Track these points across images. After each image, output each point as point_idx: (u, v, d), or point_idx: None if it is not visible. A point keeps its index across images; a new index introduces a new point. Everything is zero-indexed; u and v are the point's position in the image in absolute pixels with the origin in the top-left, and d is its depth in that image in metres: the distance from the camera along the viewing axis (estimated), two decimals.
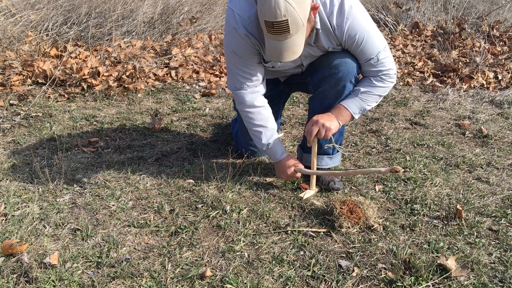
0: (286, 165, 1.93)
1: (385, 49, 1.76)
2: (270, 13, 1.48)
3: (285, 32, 1.52)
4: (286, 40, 1.55)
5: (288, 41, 1.55)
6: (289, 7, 1.46)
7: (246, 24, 1.70)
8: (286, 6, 1.46)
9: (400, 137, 2.63)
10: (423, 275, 1.44)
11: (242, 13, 1.70)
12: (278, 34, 1.53)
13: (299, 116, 2.98)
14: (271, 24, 1.50)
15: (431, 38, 5.07)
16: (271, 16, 1.48)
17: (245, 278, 1.44)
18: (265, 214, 1.80)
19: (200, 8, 5.16)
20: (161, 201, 1.89)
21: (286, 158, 1.94)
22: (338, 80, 1.81)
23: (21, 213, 1.77)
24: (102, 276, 1.44)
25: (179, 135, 2.61)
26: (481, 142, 2.59)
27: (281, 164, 1.95)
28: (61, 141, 2.46)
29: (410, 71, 4.00)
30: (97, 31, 4.12)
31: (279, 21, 1.49)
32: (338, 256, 1.57)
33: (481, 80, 3.65)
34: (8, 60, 3.40)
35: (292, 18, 1.48)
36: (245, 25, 1.71)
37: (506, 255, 1.57)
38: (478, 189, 2.04)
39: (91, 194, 1.93)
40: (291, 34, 1.53)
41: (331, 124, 1.81)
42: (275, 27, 1.51)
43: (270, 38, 1.57)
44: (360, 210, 1.73)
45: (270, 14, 1.48)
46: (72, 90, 3.24)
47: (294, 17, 1.49)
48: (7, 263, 1.48)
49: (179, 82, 3.65)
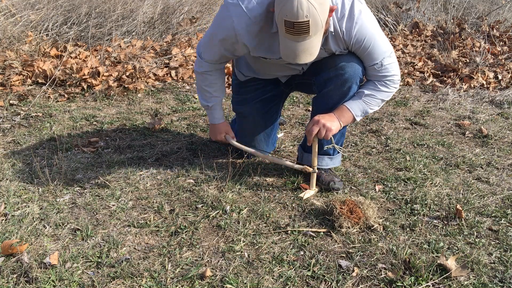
0: (218, 130, 2.11)
1: (390, 55, 1.76)
2: (292, 13, 1.46)
3: (304, 33, 1.51)
4: (304, 42, 1.54)
5: (306, 42, 1.54)
6: (312, 8, 1.45)
7: (250, 23, 1.67)
8: (309, 7, 1.45)
9: (400, 137, 2.63)
10: (423, 275, 1.44)
11: (250, 12, 1.65)
12: (297, 35, 1.51)
13: (299, 116, 2.98)
14: (292, 24, 1.48)
15: (431, 38, 5.08)
16: (292, 16, 1.47)
17: (245, 278, 1.44)
18: (265, 214, 1.80)
19: (200, 8, 5.16)
20: (161, 201, 1.89)
21: (221, 124, 2.11)
22: (344, 81, 1.81)
23: (21, 213, 1.77)
24: (102, 276, 1.44)
25: (179, 135, 2.61)
26: (481, 142, 2.59)
27: (215, 127, 2.12)
28: (61, 141, 2.46)
29: (410, 71, 4.00)
30: (97, 31, 4.12)
31: (300, 22, 1.47)
32: (338, 256, 1.57)
33: (481, 80, 3.65)
34: (8, 60, 3.40)
35: (313, 19, 1.47)
36: (247, 24, 1.67)
37: (506, 255, 1.57)
38: (478, 189, 2.04)
39: (91, 194, 1.93)
40: (310, 36, 1.52)
41: (331, 125, 1.81)
42: (296, 28, 1.49)
43: (287, 38, 1.55)
44: (360, 210, 1.73)
45: (292, 14, 1.46)
46: (72, 90, 3.24)
47: (315, 18, 1.48)
48: (7, 263, 1.48)
49: (179, 82, 3.65)
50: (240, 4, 1.66)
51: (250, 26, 1.68)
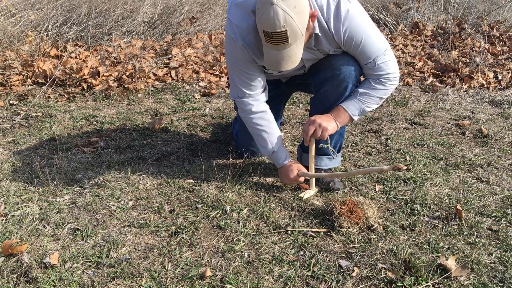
0: (289, 170, 1.92)
1: (384, 53, 1.75)
2: (269, 23, 1.49)
3: (283, 42, 1.53)
4: (284, 50, 1.56)
5: (287, 50, 1.56)
6: (288, 18, 1.47)
7: (244, 35, 1.72)
8: (285, 17, 1.47)
9: (400, 137, 2.63)
10: (423, 275, 1.44)
11: (240, 24, 1.71)
12: (277, 44, 1.54)
13: (299, 116, 2.98)
14: (270, 34, 1.51)
15: (431, 38, 5.08)
16: (270, 26, 1.49)
17: (245, 278, 1.44)
18: (265, 214, 1.80)
19: (200, 8, 5.16)
20: (161, 201, 1.89)
21: (289, 163, 1.93)
22: (340, 81, 1.81)
23: (21, 213, 1.77)
24: (102, 276, 1.44)
25: (179, 135, 2.61)
26: (481, 142, 2.59)
27: (285, 169, 1.94)
28: (61, 141, 2.46)
29: (410, 71, 4.00)
30: (97, 31, 4.12)
31: (278, 32, 1.49)
32: (338, 256, 1.57)
33: (481, 80, 3.65)
34: (8, 60, 3.40)
35: (291, 28, 1.49)
36: (243, 36, 1.72)
37: (506, 255, 1.57)
38: (478, 189, 2.04)
39: (91, 194, 1.93)
40: (289, 44, 1.54)
41: (328, 125, 1.81)
42: (274, 37, 1.51)
43: (268, 47, 1.58)
44: (360, 210, 1.73)
45: (269, 24, 1.49)
46: (72, 90, 3.24)
47: (293, 27, 1.49)
48: (7, 263, 1.48)
49: (179, 82, 3.65)
50: (230, 21, 1.74)
51: (246, 35, 1.72)
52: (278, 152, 1.93)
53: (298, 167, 1.93)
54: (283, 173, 1.95)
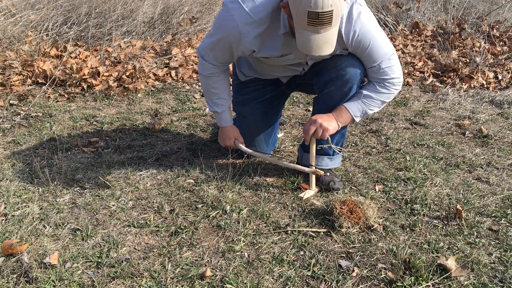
0: (227, 135, 2.09)
1: (390, 58, 1.75)
2: (317, 3, 1.47)
3: (327, 24, 1.51)
4: (325, 33, 1.54)
5: (327, 33, 1.54)
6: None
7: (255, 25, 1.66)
8: None
9: (400, 137, 2.63)
10: (423, 275, 1.44)
11: (254, 13, 1.65)
12: (319, 26, 1.51)
13: (299, 116, 2.98)
14: (316, 14, 1.48)
15: (431, 38, 5.08)
16: (317, 6, 1.47)
17: (245, 278, 1.44)
18: (265, 214, 1.80)
19: (200, 8, 5.16)
20: (161, 201, 1.89)
21: (231, 128, 2.08)
22: (345, 82, 1.81)
23: (21, 213, 1.77)
24: (102, 276, 1.44)
25: (179, 135, 2.61)
26: (481, 142, 2.59)
27: (226, 129, 2.09)
28: (61, 141, 2.46)
29: (410, 71, 4.00)
30: (97, 31, 4.12)
31: (325, 12, 1.48)
32: (338, 256, 1.57)
33: (481, 80, 3.65)
34: (8, 60, 3.40)
35: (336, 9, 1.49)
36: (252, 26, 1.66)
37: (506, 255, 1.57)
38: (478, 189, 2.04)
39: (91, 194, 1.93)
40: (331, 26, 1.52)
41: (328, 125, 1.81)
42: (320, 18, 1.49)
43: (308, 30, 1.54)
44: (360, 210, 1.73)
45: (316, 4, 1.47)
46: (72, 90, 3.24)
47: (338, 8, 1.49)
48: (7, 263, 1.48)
49: (179, 82, 3.65)
50: (242, 6, 1.65)
51: (255, 27, 1.68)
52: (223, 114, 2.04)
53: (236, 135, 2.09)
54: (222, 134, 2.11)
